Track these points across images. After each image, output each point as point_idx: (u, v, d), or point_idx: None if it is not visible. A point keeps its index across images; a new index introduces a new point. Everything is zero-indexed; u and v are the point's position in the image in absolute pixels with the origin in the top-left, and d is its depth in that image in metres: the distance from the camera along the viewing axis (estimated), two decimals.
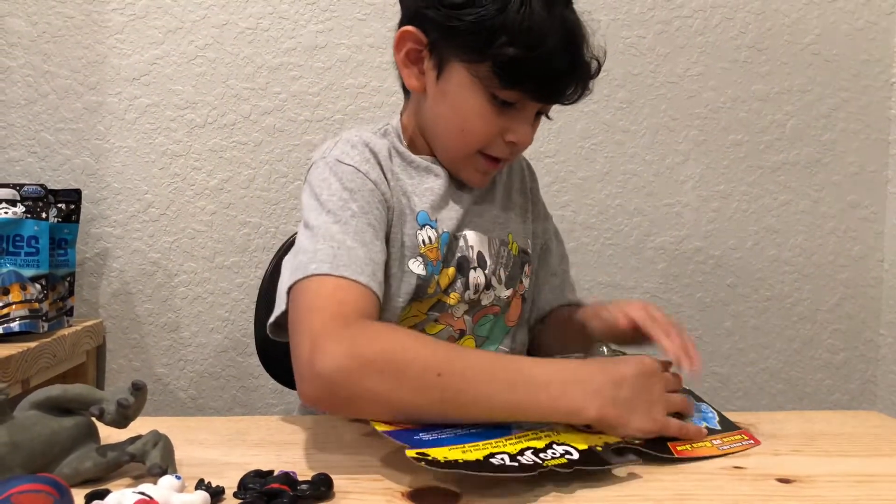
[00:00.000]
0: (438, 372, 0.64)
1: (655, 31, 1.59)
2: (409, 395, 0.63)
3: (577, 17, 0.83)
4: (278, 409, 1.56)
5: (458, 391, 0.64)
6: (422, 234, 0.85)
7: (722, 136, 1.62)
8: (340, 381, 0.63)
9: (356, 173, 0.82)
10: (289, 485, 0.54)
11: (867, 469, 0.63)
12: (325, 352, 0.64)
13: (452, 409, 0.64)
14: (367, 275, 0.73)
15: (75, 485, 0.55)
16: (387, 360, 0.64)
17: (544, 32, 0.77)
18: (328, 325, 0.67)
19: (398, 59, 0.86)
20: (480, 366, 0.66)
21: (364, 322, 0.69)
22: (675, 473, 0.60)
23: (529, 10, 0.77)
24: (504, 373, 0.66)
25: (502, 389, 0.64)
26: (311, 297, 0.71)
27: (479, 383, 0.64)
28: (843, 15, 1.61)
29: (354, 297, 0.71)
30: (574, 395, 0.65)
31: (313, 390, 0.66)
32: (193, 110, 1.53)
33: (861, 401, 1.68)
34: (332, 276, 0.71)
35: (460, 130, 0.85)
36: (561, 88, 0.82)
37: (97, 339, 1.49)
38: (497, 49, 0.77)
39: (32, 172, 1.51)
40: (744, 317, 1.65)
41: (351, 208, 0.78)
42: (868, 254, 1.66)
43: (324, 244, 0.74)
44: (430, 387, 0.63)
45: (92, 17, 1.51)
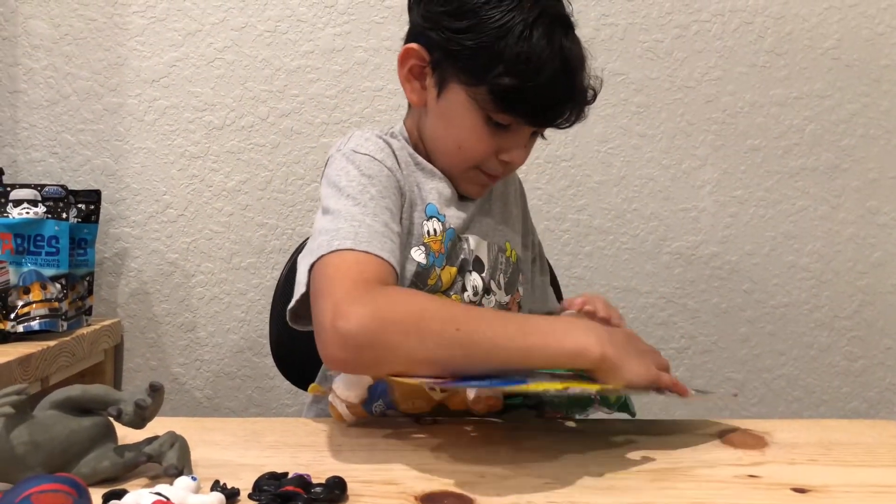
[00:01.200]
0: (457, 326, 0.68)
1: (673, 35, 1.58)
2: (431, 349, 0.67)
3: (577, 44, 0.84)
4: (293, 410, 1.57)
5: (475, 342, 0.68)
6: (428, 225, 0.87)
7: (740, 140, 1.61)
8: (365, 341, 0.66)
9: (373, 161, 0.84)
10: (303, 487, 0.54)
11: (885, 480, 0.62)
12: (349, 314, 0.67)
13: (472, 359, 0.68)
14: (387, 251, 0.76)
15: (93, 484, 0.55)
16: (408, 319, 0.68)
17: (542, 62, 0.78)
18: (350, 290, 0.70)
19: (401, 74, 0.89)
20: (493, 319, 0.72)
21: (384, 287, 0.73)
22: (688, 481, 0.60)
23: (529, 39, 0.78)
24: (515, 323, 0.71)
25: (515, 336, 0.69)
26: (332, 269, 0.73)
27: (493, 333, 0.69)
28: (863, 20, 1.60)
29: (374, 268, 0.74)
30: (578, 335, 0.69)
31: (339, 351, 0.68)
32: (212, 112, 1.54)
33: (879, 409, 1.66)
34: (354, 251, 0.74)
35: (457, 148, 0.87)
36: (555, 115, 0.84)
37: (115, 339, 1.51)
38: (494, 77, 0.79)
39: (53, 173, 1.53)
40: (760, 323, 1.63)
41: (370, 192, 0.81)
42: (888, 260, 1.64)
43: (345, 223, 0.77)
44: (450, 340, 0.67)
45: (113, 19, 1.52)
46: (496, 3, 0.80)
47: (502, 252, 0.95)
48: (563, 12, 0.84)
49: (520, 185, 1.08)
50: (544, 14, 0.80)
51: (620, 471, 0.62)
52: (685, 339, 1.62)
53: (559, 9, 0.84)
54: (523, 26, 0.78)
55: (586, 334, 0.69)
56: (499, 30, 0.78)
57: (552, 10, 0.82)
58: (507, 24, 0.78)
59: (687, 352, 1.62)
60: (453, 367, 0.68)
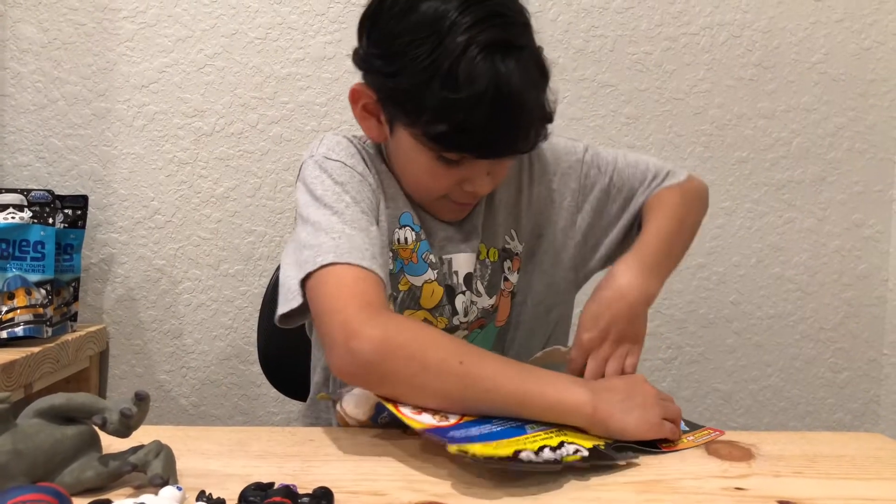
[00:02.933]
0: (460, 360, 0.70)
1: (662, 47, 1.60)
2: (432, 377, 0.69)
3: (523, 63, 0.76)
4: (279, 418, 1.56)
5: (476, 379, 0.70)
6: (399, 233, 0.87)
7: (727, 152, 1.62)
8: (375, 362, 0.70)
9: (343, 167, 0.84)
10: (289, 498, 0.53)
11: (868, 493, 0.62)
12: (362, 336, 0.70)
13: (469, 396, 0.70)
14: (367, 259, 0.76)
15: (76, 494, 0.55)
16: (415, 346, 0.70)
17: (472, 101, 0.73)
18: (359, 313, 0.72)
19: (356, 112, 0.87)
20: (495, 360, 0.73)
21: (390, 312, 0.76)
22: (674, 493, 0.60)
23: (455, 79, 0.73)
24: (517, 369, 0.72)
25: (514, 380, 0.70)
26: (333, 289, 0.75)
27: (494, 374, 0.70)
28: (849, 35, 1.62)
29: (370, 285, 0.75)
30: (575, 392, 0.70)
31: (350, 367, 0.72)
32: (201, 118, 1.54)
33: (864, 420, 1.67)
34: (345, 265, 0.75)
35: (415, 184, 0.87)
36: (504, 147, 0.79)
37: (101, 345, 1.50)
38: (425, 124, 0.77)
39: (40, 177, 1.52)
40: (746, 334, 1.64)
41: (345, 199, 0.81)
42: (872, 273, 1.65)
43: (326, 237, 0.78)
44: (452, 373, 0.69)
45: (103, 24, 1.52)
46: (421, 41, 0.74)
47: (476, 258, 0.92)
48: (501, 36, 0.75)
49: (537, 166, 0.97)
50: (474, 43, 0.73)
51: (607, 482, 0.62)
52: (672, 350, 1.63)
53: (497, 33, 0.75)
54: (451, 62, 0.73)
55: (582, 392, 0.70)
56: (425, 72, 0.74)
57: (486, 35, 0.74)
58: (433, 63, 0.73)
59: (674, 362, 1.63)
60: (451, 399, 0.70)
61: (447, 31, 0.73)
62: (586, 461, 0.63)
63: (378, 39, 0.81)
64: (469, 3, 0.75)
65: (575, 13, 1.57)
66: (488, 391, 0.69)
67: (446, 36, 0.73)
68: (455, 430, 0.67)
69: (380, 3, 0.81)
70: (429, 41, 0.74)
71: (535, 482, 0.61)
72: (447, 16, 0.74)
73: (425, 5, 0.76)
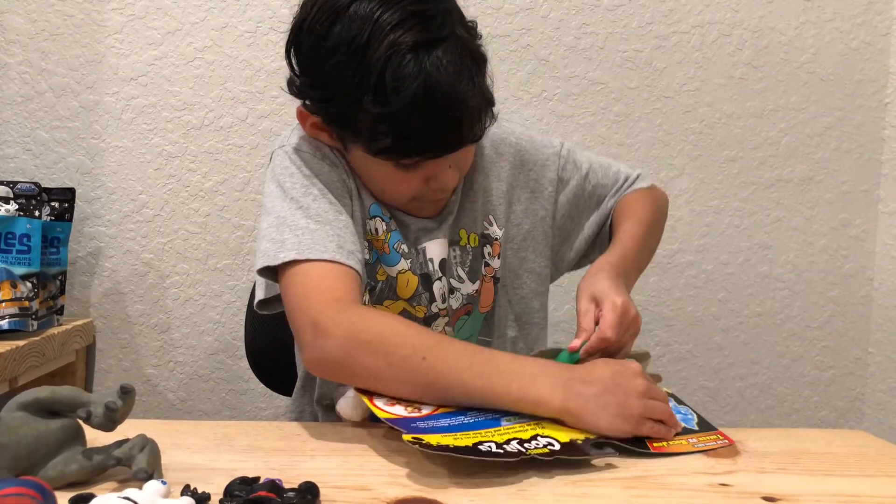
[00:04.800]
0: (424, 356, 0.70)
1: (653, 45, 1.60)
2: (398, 373, 0.71)
3: (452, 55, 0.74)
4: (267, 413, 1.56)
5: (439, 375, 0.70)
6: (371, 224, 0.88)
7: (716, 151, 1.62)
8: (341, 359, 0.72)
9: (313, 158, 0.85)
10: (275, 492, 0.53)
11: (852, 489, 0.63)
12: (328, 333, 0.72)
13: (434, 391, 0.71)
14: (331, 251, 0.77)
15: (60, 487, 0.54)
16: (380, 342, 0.71)
17: (407, 109, 0.73)
18: (326, 310, 0.74)
19: (306, 130, 0.86)
20: (461, 355, 0.72)
21: (357, 307, 0.76)
22: (660, 489, 0.61)
23: (383, 93, 0.72)
24: (482, 363, 0.71)
25: (478, 377, 0.70)
26: (300, 287, 0.77)
27: (458, 370, 0.70)
28: (838, 35, 1.63)
29: (336, 279, 0.77)
30: (542, 386, 0.69)
31: (320, 364, 0.76)
32: (190, 112, 1.53)
33: (849, 418, 1.69)
34: (308, 262, 0.77)
35: (381, 192, 0.88)
36: (452, 142, 0.79)
37: (87, 339, 1.49)
38: (367, 142, 0.78)
39: (27, 170, 1.51)
40: (734, 332, 1.65)
41: (312, 192, 0.82)
42: (858, 272, 1.67)
43: (290, 234, 0.79)
44: (416, 369, 0.70)
45: (91, 16, 1.51)
46: (344, 63, 0.74)
47: (455, 244, 0.93)
48: (422, 36, 0.73)
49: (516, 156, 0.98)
50: (396, 51, 0.72)
51: (594, 479, 0.62)
52: (660, 347, 1.63)
53: (418, 33, 0.73)
54: (377, 76, 0.72)
55: (552, 388, 0.69)
56: (354, 92, 0.74)
57: (409, 37, 0.72)
58: (360, 81, 0.73)
59: (661, 360, 1.63)
60: (419, 393, 0.71)
61: (365, 45, 0.73)
62: (552, 455, 0.62)
63: (304, 68, 0.81)
64: (383, 9, 0.73)
65: (566, 10, 1.57)
66: (452, 387, 0.70)
67: (366, 51, 0.73)
68: (424, 420, 0.67)
69: (297, 33, 0.80)
70: (351, 60, 0.74)
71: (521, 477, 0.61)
72: (363, 31, 0.73)
73: (338, 27, 0.74)
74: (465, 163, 0.87)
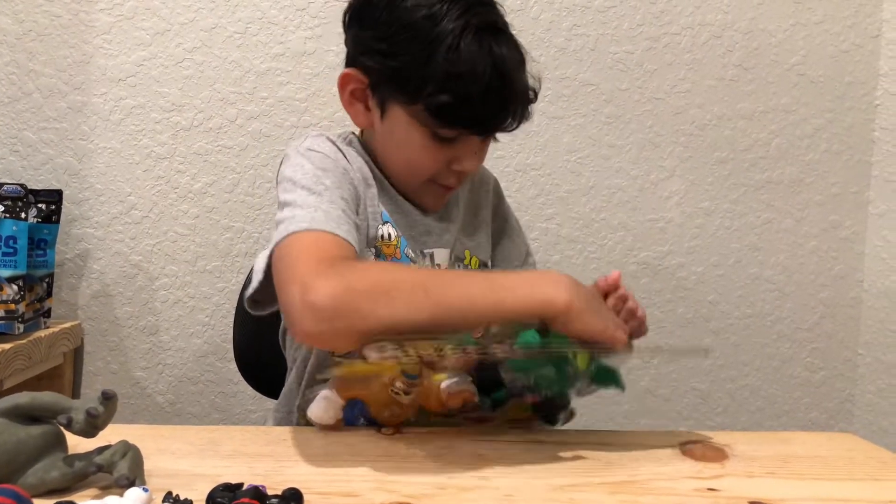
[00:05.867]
0: (425, 289, 0.69)
1: (643, 47, 1.60)
2: (402, 313, 0.68)
3: (510, 48, 0.83)
4: (257, 416, 1.55)
5: (446, 303, 0.69)
6: (382, 229, 0.88)
7: (707, 153, 1.62)
8: (337, 311, 0.67)
9: (326, 158, 0.86)
10: (258, 499, 0.53)
11: (840, 493, 0.63)
12: (318, 288, 0.68)
13: (441, 316, 0.68)
14: (343, 231, 0.77)
15: (40, 495, 0.54)
16: (377, 287, 0.69)
17: (473, 75, 0.79)
18: (314, 267, 0.71)
19: (343, 99, 0.90)
20: (461, 278, 0.74)
21: (346, 260, 0.75)
22: (647, 494, 0.60)
23: (457, 53, 0.79)
24: (483, 280, 0.73)
25: (483, 290, 0.70)
26: (294, 252, 0.74)
27: (463, 292, 0.70)
28: (828, 37, 1.63)
29: (333, 245, 0.76)
30: (547, 285, 0.70)
31: (313, 325, 0.68)
32: (179, 113, 1.52)
33: (839, 419, 1.69)
34: (311, 231, 0.76)
35: (406, 164, 0.89)
36: (497, 122, 0.85)
37: (75, 342, 1.48)
38: (428, 96, 0.80)
39: (13, 171, 1.50)
40: (724, 333, 1.65)
41: (324, 183, 0.82)
42: (848, 273, 1.67)
43: (301, 211, 0.78)
44: (420, 303, 0.68)
45: (79, 16, 1.50)
46: (421, 21, 0.80)
47: (460, 261, 0.95)
48: (491, 19, 0.83)
49: (494, 186, 1.07)
50: (469, 26, 0.79)
51: (580, 483, 0.62)
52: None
53: (487, 16, 0.83)
54: (451, 40, 0.78)
55: (556, 284, 0.70)
56: (426, 48, 0.79)
57: (478, 19, 0.81)
58: (433, 42, 0.79)
59: (652, 361, 1.63)
60: (424, 325, 0.68)
61: (442, 15, 0.79)
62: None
63: (374, 23, 0.85)
64: None
65: (557, 11, 1.57)
66: (462, 311, 0.69)
67: (442, 20, 0.79)
68: None
69: None
70: (428, 22, 0.80)
71: (508, 483, 0.61)
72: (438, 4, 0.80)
73: None
74: (483, 156, 0.91)
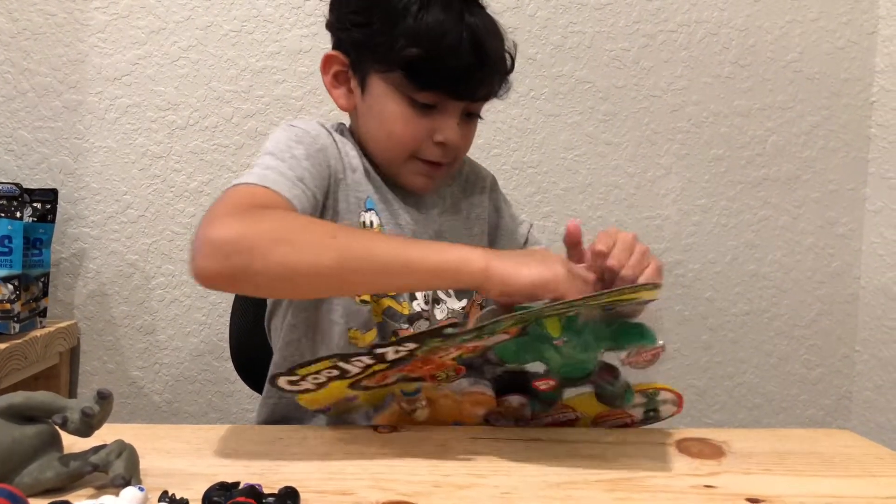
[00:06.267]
0: (333, 235, 0.68)
1: (640, 44, 1.60)
2: (306, 255, 0.66)
3: (481, 17, 0.85)
4: (253, 415, 1.54)
5: (351, 251, 0.67)
6: (365, 216, 0.88)
7: (703, 150, 1.62)
8: (234, 248, 0.65)
9: (306, 134, 0.87)
10: (254, 498, 0.53)
11: (837, 490, 0.63)
12: (221, 224, 0.67)
13: (346, 268, 0.67)
14: (285, 190, 0.76)
15: (35, 495, 0.54)
16: (283, 227, 0.68)
17: (443, 31, 0.81)
18: (229, 209, 0.70)
19: (327, 82, 0.92)
20: (373, 234, 0.74)
21: (264, 206, 0.72)
22: (644, 492, 0.60)
23: (427, 12, 0.81)
24: (395, 239, 0.73)
25: (396, 248, 0.69)
26: (223, 198, 0.73)
27: (372, 243, 0.69)
28: (824, 34, 1.63)
29: (268, 198, 0.74)
30: (461, 249, 0.68)
31: (206, 260, 0.66)
32: (175, 112, 1.51)
33: (836, 416, 1.69)
34: (251, 185, 0.75)
35: (387, 137, 0.88)
36: (473, 85, 0.85)
37: (71, 341, 1.47)
38: (400, 52, 0.81)
39: (9, 171, 1.49)
40: (722, 330, 1.65)
41: (293, 153, 0.82)
42: (845, 270, 1.67)
43: (257, 169, 0.79)
44: (326, 247, 0.66)
45: (74, 15, 1.49)
46: None
47: None
48: None
49: (492, 184, 1.06)
50: None
51: (577, 481, 0.62)
52: None
53: None
54: (419, 4, 0.81)
55: (472, 250, 0.68)
56: (397, 11, 0.82)
57: None
58: (405, 6, 0.82)
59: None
60: (327, 276, 0.67)
61: None
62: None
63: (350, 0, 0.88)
64: None
65: (553, 9, 1.57)
66: (366, 259, 0.67)
67: None
68: None
69: None
70: None
71: (504, 481, 0.61)
72: None
73: None
74: (468, 135, 0.91)
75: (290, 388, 0.67)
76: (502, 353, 0.72)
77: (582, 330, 0.67)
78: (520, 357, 0.72)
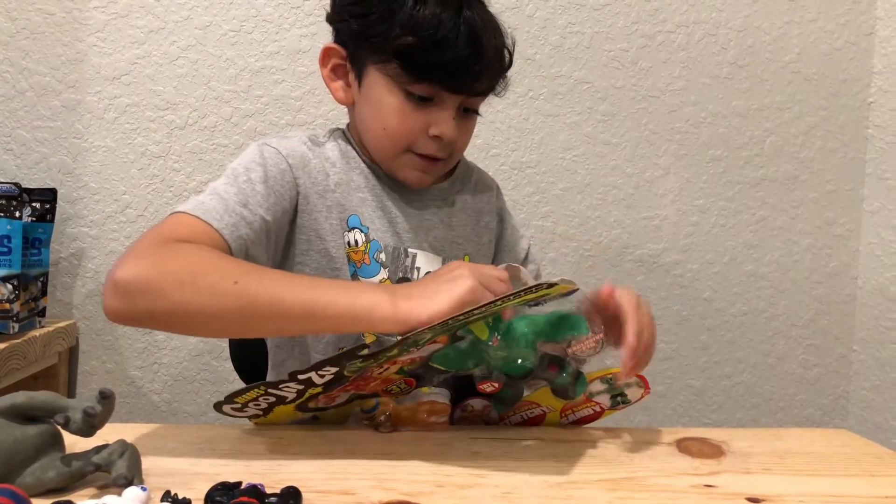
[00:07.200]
0: (235, 280, 0.66)
1: (638, 44, 1.60)
2: (205, 300, 0.65)
3: (481, 12, 0.85)
4: None
5: (255, 295, 0.66)
6: (349, 236, 0.88)
7: (702, 150, 1.63)
8: (138, 289, 0.66)
9: (277, 154, 0.86)
10: (256, 497, 0.53)
11: (836, 489, 0.63)
12: (128, 264, 0.67)
13: (248, 314, 0.66)
14: (220, 220, 0.75)
15: (38, 495, 0.54)
16: (186, 269, 0.67)
17: (438, 21, 0.80)
18: (145, 247, 0.70)
19: (325, 75, 0.92)
20: (281, 276, 0.71)
21: (178, 243, 0.71)
22: (644, 491, 0.60)
23: (424, 5, 0.81)
24: (302, 281, 0.70)
25: (304, 291, 0.66)
26: (150, 231, 0.74)
27: (276, 288, 0.66)
28: (822, 35, 1.63)
29: (192, 231, 0.74)
30: (371, 294, 0.67)
31: (113, 300, 0.68)
32: (174, 111, 1.51)
33: (833, 416, 1.70)
34: (184, 215, 0.75)
35: (382, 129, 0.87)
36: (468, 78, 0.84)
37: (70, 341, 1.47)
38: (396, 42, 0.81)
39: (7, 170, 1.49)
40: (720, 331, 1.66)
41: (249, 175, 0.82)
42: (843, 270, 1.67)
43: (202, 196, 0.79)
44: (226, 293, 0.65)
45: (73, 14, 1.49)
46: None
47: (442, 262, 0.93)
48: None
49: (497, 192, 1.05)
50: None
51: (577, 481, 0.62)
52: None
53: None
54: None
55: (379, 293, 0.66)
56: (396, 2, 0.82)
57: None
58: None
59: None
60: (231, 322, 0.67)
61: None
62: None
63: None
64: None
65: (552, 9, 1.57)
66: (270, 306, 0.65)
67: None
68: None
69: None
70: None
71: (506, 481, 0.61)
72: None
73: None
74: (465, 132, 0.90)
75: (236, 414, 0.69)
76: (442, 361, 0.71)
77: (512, 327, 0.67)
78: (463, 363, 0.71)
